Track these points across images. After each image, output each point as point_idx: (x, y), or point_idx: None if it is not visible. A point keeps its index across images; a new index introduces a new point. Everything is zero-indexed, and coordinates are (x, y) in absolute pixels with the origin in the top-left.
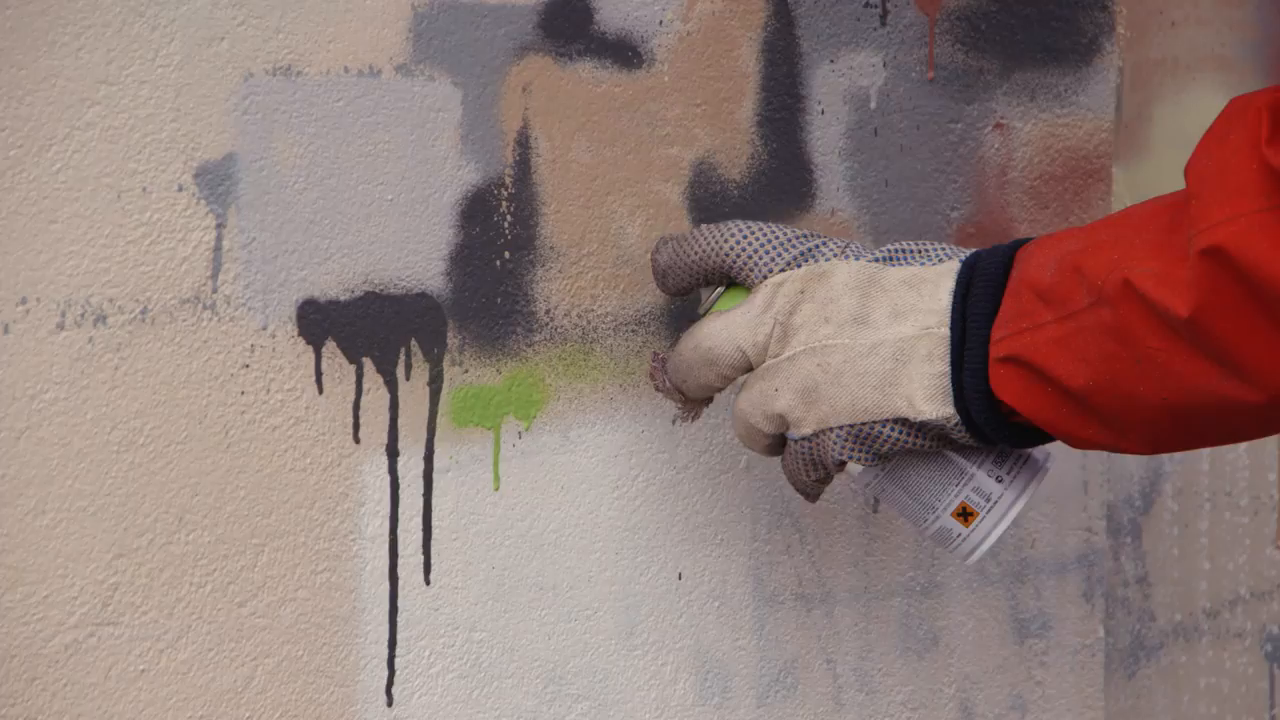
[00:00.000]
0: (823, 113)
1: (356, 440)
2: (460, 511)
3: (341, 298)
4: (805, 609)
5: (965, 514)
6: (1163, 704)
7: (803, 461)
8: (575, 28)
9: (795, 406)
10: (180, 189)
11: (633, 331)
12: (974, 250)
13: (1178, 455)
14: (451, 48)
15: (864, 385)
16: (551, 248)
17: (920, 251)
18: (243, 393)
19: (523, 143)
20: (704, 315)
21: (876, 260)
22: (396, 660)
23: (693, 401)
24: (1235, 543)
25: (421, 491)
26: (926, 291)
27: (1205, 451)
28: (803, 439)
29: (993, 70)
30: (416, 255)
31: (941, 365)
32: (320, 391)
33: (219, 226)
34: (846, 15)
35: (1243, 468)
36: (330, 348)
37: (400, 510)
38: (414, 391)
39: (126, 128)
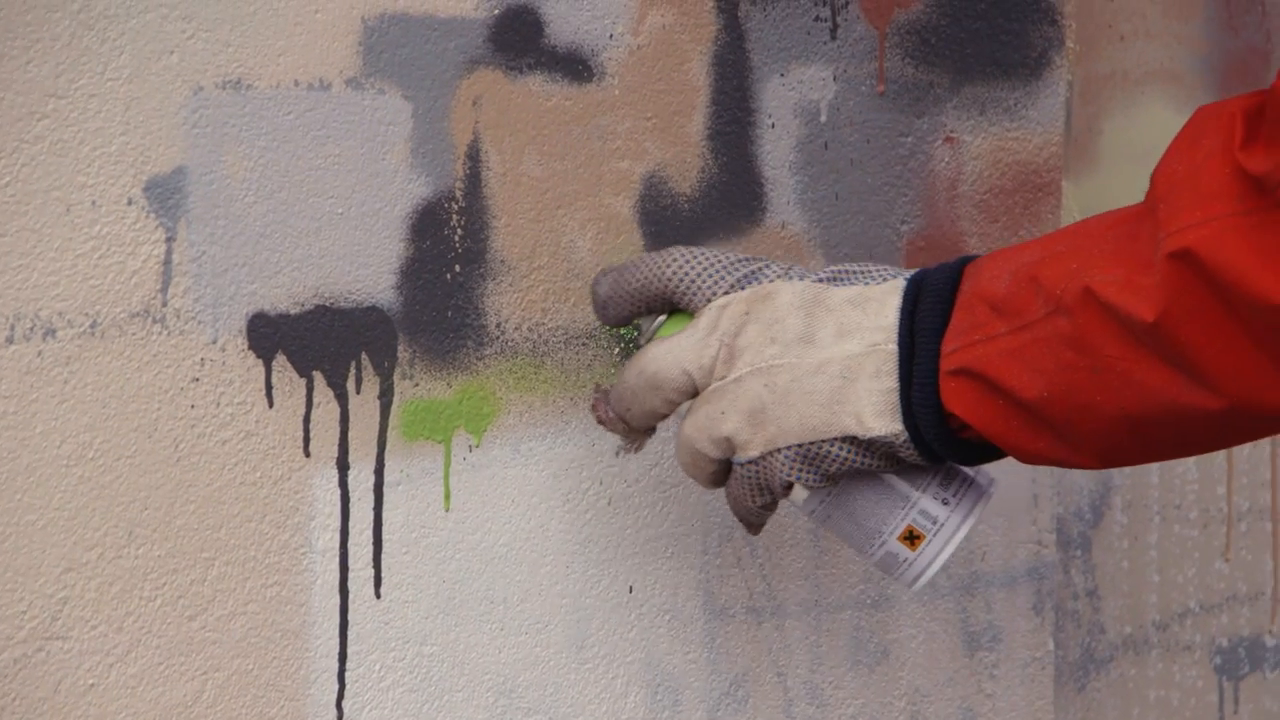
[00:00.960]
0: (773, 126)
1: (307, 454)
2: (411, 525)
3: (292, 311)
4: (756, 622)
5: (912, 537)
6: (1112, 716)
7: (749, 486)
8: (525, 41)
9: (742, 428)
10: (130, 202)
11: (584, 345)
12: (919, 269)
13: (1128, 469)
14: (401, 61)
15: (811, 404)
16: (502, 261)
17: (864, 272)
18: (192, 406)
19: (473, 156)
20: (647, 343)
21: (821, 281)
22: (347, 674)
23: (636, 432)
24: (1184, 556)
25: (372, 505)
26: (872, 309)
27: (1155, 465)
28: (749, 462)
29: (943, 84)
30: (367, 269)
31: (890, 381)
32: (270, 405)
33: (169, 240)
34: (797, 29)
35: (1192, 481)
36: (280, 361)
37: (351, 524)
38: (364, 405)
39: (76, 141)
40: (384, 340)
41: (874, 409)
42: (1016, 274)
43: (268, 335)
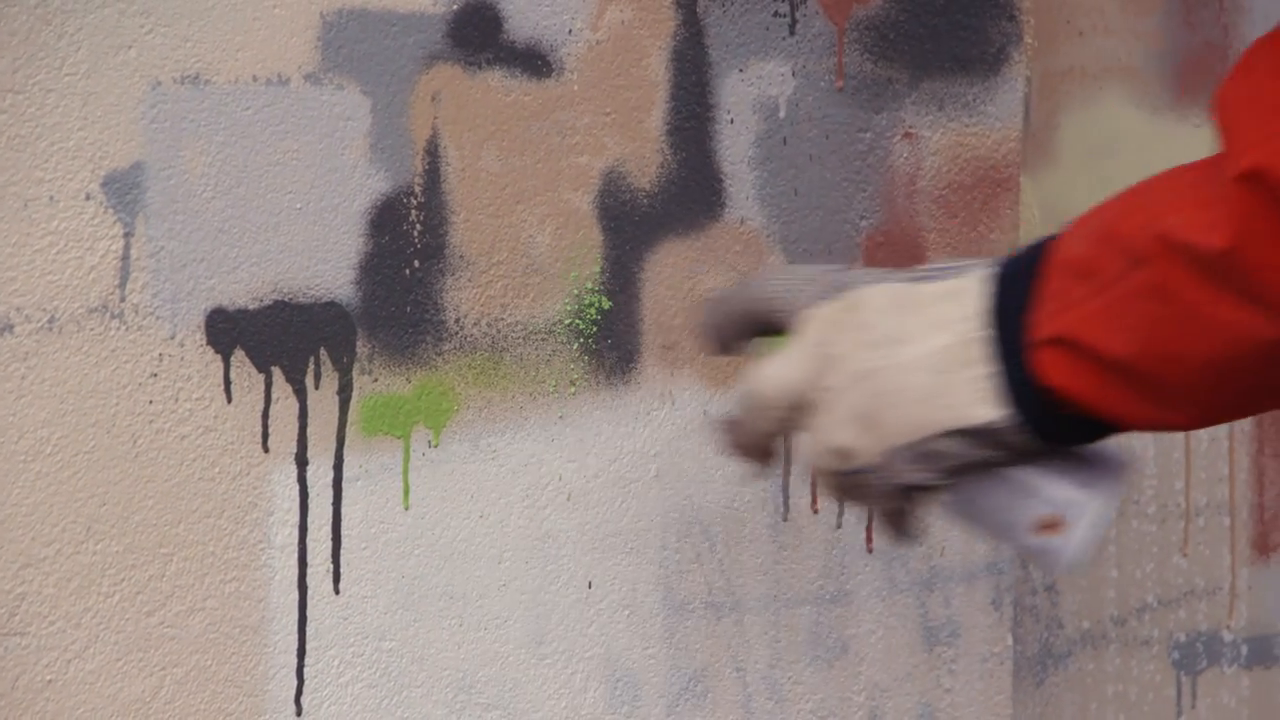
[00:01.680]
0: (732, 122)
1: (265, 449)
2: (370, 521)
3: (250, 306)
4: (715, 617)
5: (1048, 526)
6: (1070, 712)
7: (878, 493)
8: (484, 36)
9: (854, 437)
10: (88, 198)
11: (543, 340)
12: (1004, 256)
13: None
14: (360, 56)
15: (913, 402)
16: (461, 256)
17: (947, 269)
18: (151, 402)
19: (432, 151)
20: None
21: (911, 280)
22: (306, 669)
23: (759, 455)
24: (1143, 551)
25: (331, 500)
26: (961, 300)
27: None
28: (870, 470)
29: (901, 80)
30: (325, 264)
31: (985, 368)
32: (229, 400)
33: (127, 235)
34: (755, 24)
35: (1150, 476)
36: (239, 356)
37: (309, 519)
38: (323, 400)
39: (33, 136)
40: (343, 335)
41: (973, 398)
42: (1092, 236)
43: (226, 330)
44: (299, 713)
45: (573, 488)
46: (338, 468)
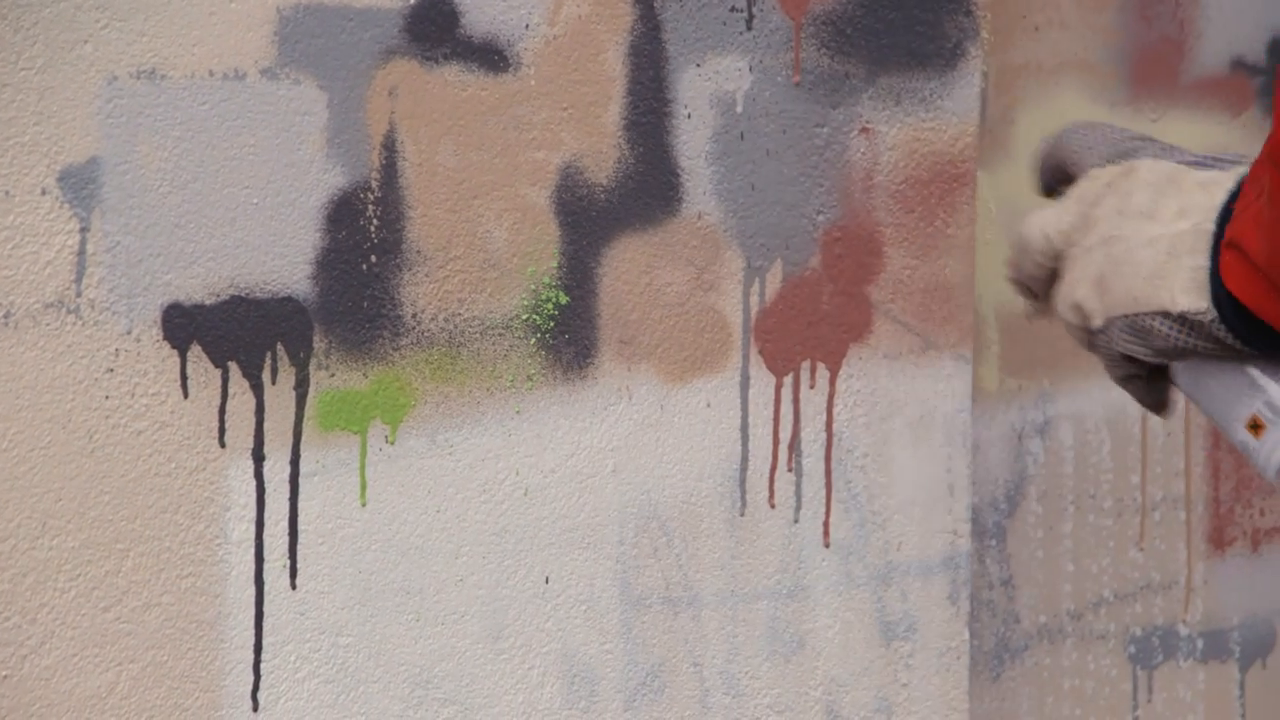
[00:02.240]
0: (689, 117)
1: (222, 444)
2: (327, 516)
3: (207, 302)
4: (672, 612)
5: (1255, 426)
6: (1027, 706)
7: (1105, 356)
8: (441, 31)
9: (1090, 296)
10: (44, 192)
11: (500, 335)
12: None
13: (1042, 457)
14: (317, 51)
15: (1137, 276)
16: (418, 251)
17: (1221, 160)
18: (107, 397)
19: (389, 146)
20: None
21: (1187, 163)
22: (262, 665)
23: (1034, 295)
24: (1099, 545)
25: (288, 496)
26: (1211, 191)
27: (1069, 454)
28: (1100, 331)
29: (858, 75)
30: (282, 259)
31: (1202, 259)
32: (185, 396)
33: (83, 230)
34: (713, 19)
35: (1106, 470)
36: (195, 352)
37: (266, 515)
38: (280, 396)
39: None
40: (300, 331)
41: (1184, 285)
42: (1266, 143)
43: (183, 326)
44: (255, 708)
45: (530, 483)
46: (295, 463)
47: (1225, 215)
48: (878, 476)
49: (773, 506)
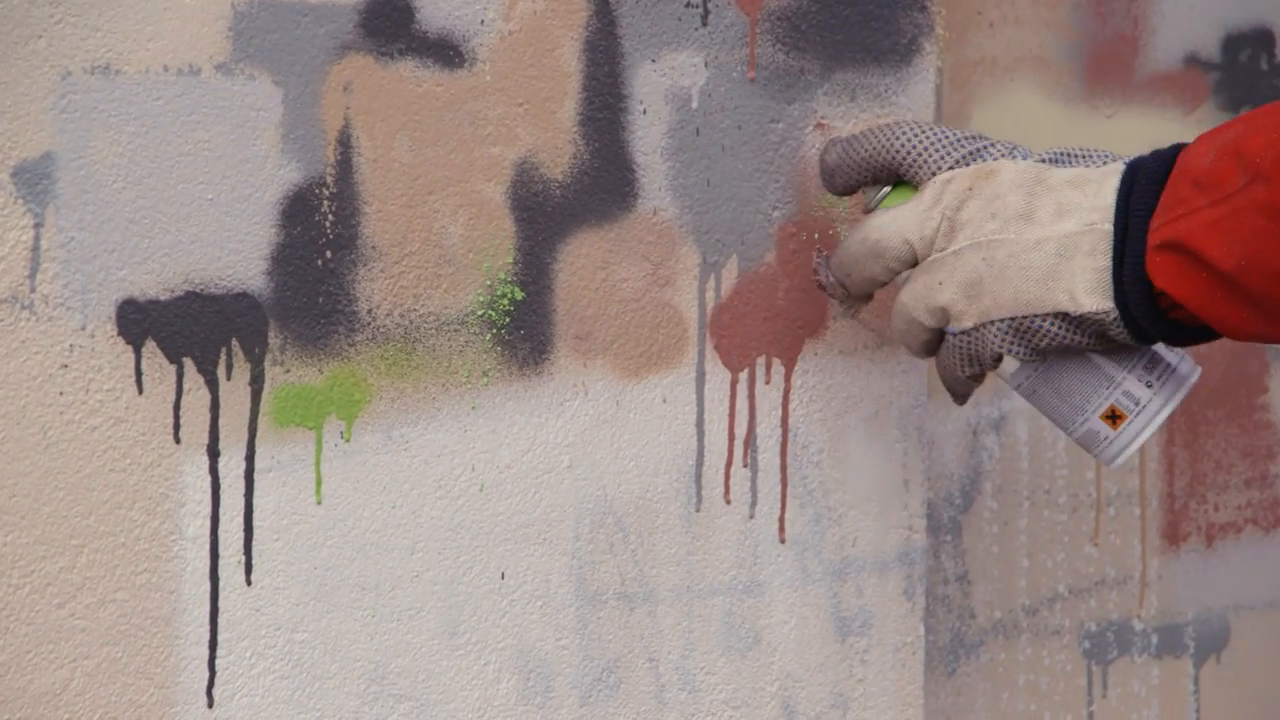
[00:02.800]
0: (644, 112)
1: (177, 440)
2: (282, 512)
3: (161, 297)
4: (628, 608)
5: (1114, 417)
6: (982, 701)
7: (960, 356)
8: (396, 27)
9: (958, 299)
10: None
11: (455, 331)
12: (1136, 156)
13: (996, 453)
14: (272, 46)
15: (1027, 279)
16: (373, 247)
17: (1084, 156)
18: (61, 393)
19: (344, 142)
20: (870, 211)
21: (1043, 161)
22: (217, 661)
23: (853, 298)
24: (1054, 540)
25: (243, 492)
26: (1091, 190)
27: (1024, 450)
28: (963, 332)
29: (814, 70)
30: (237, 254)
31: (1104, 260)
32: (140, 392)
33: (37, 226)
34: (668, 15)
35: (1061, 466)
36: (150, 347)
37: (221, 511)
38: (235, 391)
39: None
40: (255, 326)
41: (1086, 286)
42: (1220, 149)
43: (137, 321)
44: (210, 704)
45: (485, 479)
46: (250, 459)
47: (1121, 216)
48: (833, 472)
49: (728, 502)
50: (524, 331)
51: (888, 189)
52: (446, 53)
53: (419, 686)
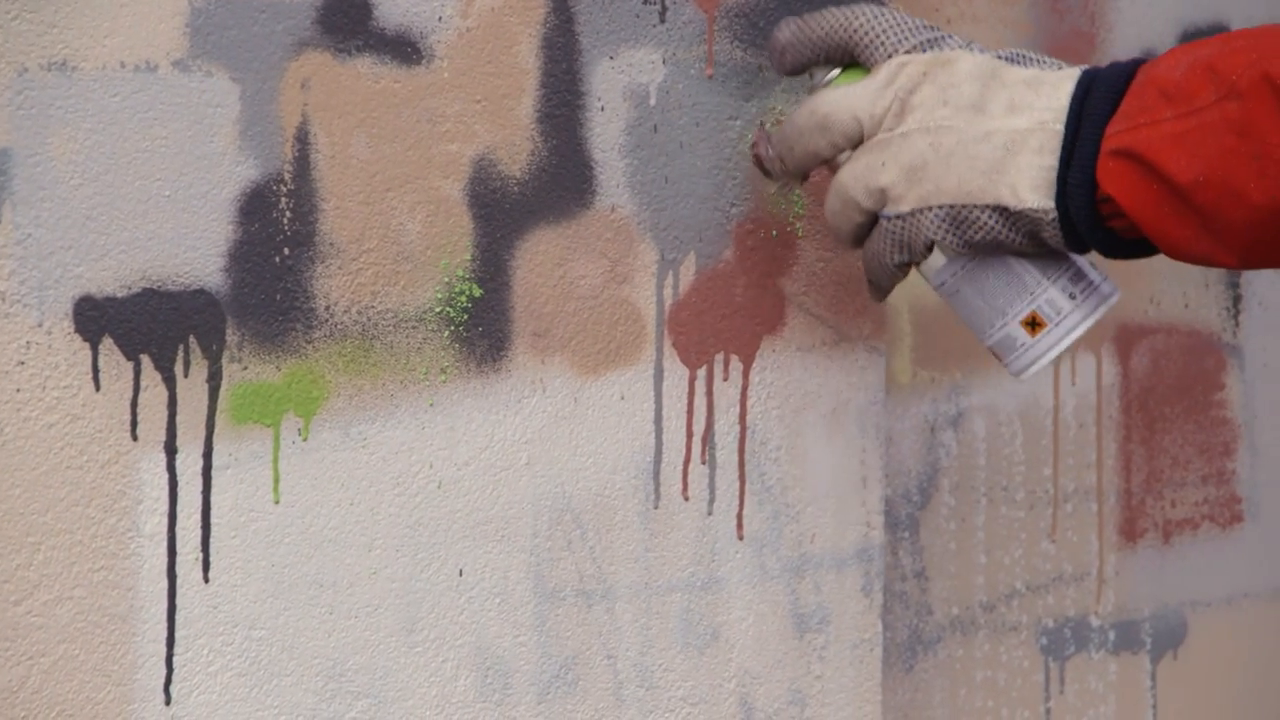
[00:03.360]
0: (602, 109)
1: (134, 437)
2: (240, 509)
3: (118, 294)
4: (586, 605)
5: (1034, 324)
6: (940, 697)
7: (891, 241)
8: (354, 23)
9: (899, 182)
10: None
11: (413, 328)
12: (1093, 65)
13: (954, 449)
14: (229, 43)
15: (972, 169)
16: (331, 244)
17: (1041, 60)
18: (18, 390)
19: (302, 138)
20: (820, 89)
21: (1000, 58)
22: (175, 658)
23: (790, 175)
24: (1011, 537)
25: (200, 489)
26: (1045, 91)
27: (982, 446)
28: (898, 216)
29: (771, 67)
30: (194, 251)
31: (1050, 159)
32: (97, 389)
33: None
34: (626, 12)
35: (1019, 463)
36: (107, 344)
37: (179, 508)
38: (192, 388)
39: None
40: (212, 323)
41: (1030, 183)
42: (1194, 64)
43: (94, 318)
44: (168, 701)
45: (443, 475)
46: (207, 456)
47: (1074, 119)
48: (791, 469)
49: (686, 499)
50: (482, 328)
51: (837, 70)
52: (404, 49)
53: (376, 683)
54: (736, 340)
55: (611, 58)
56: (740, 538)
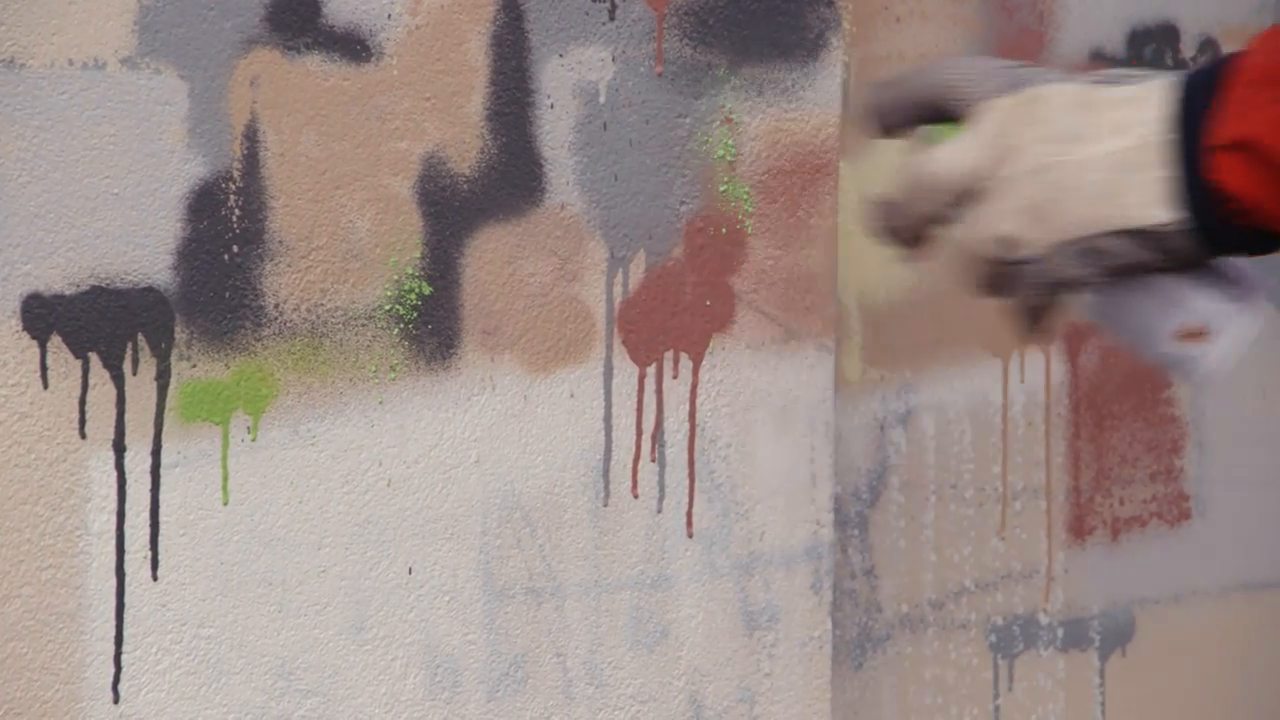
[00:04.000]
0: (552, 107)
1: (83, 435)
2: (189, 507)
3: (67, 292)
4: (536, 603)
5: (1192, 335)
6: (889, 695)
7: (1032, 287)
8: (303, 21)
9: (1022, 226)
10: None
11: (362, 326)
12: (1183, 70)
13: (903, 447)
14: (178, 40)
15: (1087, 199)
16: (280, 242)
17: (1130, 76)
18: None
19: (251, 136)
20: (918, 150)
21: (1089, 83)
22: (124, 657)
23: (909, 244)
24: (960, 534)
25: (149, 487)
26: (1141, 106)
27: (931, 444)
28: (1034, 261)
29: (721, 65)
30: (143, 249)
31: (1163, 170)
32: (45, 386)
33: None
34: (575, 9)
35: (968, 460)
36: (55, 342)
37: (127, 506)
38: (141, 386)
39: None
40: (161, 321)
41: (1149, 199)
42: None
43: (42, 316)
44: (116, 700)
45: (393, 474)
46: (156, 454)
47: (1182, 123)
48: (740, 466)
49: (636, 496)
50: (431, 326)
51: (936, 127)
52: (353, 47)
53: (326, 681)
54: (686, 338)
55: (561, 55)
56: (690, 535)
